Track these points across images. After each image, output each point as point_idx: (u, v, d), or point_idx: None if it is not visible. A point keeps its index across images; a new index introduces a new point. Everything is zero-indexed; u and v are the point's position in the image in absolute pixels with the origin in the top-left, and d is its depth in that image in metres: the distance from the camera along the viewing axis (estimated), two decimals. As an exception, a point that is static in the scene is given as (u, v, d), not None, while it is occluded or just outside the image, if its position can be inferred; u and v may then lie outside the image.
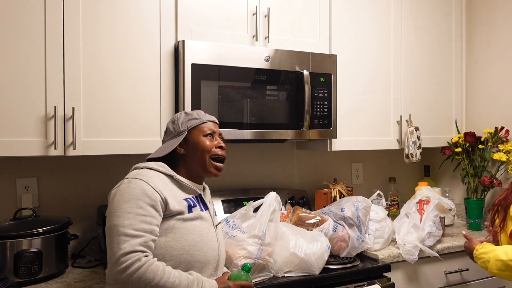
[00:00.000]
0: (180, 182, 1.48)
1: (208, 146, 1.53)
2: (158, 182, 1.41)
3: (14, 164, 1.98)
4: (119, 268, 1.27)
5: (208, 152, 1.53)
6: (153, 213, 1.35)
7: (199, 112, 1.60)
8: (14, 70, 1.66)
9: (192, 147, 1.53)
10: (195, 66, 1.88)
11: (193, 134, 1.54)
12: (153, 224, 1.35)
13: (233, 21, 2.07)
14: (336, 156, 2.74)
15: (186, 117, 1.57)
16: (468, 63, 2.78)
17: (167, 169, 1.48)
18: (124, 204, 1.33)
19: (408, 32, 2.56)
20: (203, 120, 1.56)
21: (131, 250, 1.28)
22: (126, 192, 1.36)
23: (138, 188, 1.36)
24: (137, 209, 1.33)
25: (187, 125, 1.55)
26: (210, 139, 1.55)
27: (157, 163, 1.49)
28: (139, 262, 1.27)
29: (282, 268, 1.75)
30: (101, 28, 1.80)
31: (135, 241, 1.29)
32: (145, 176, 1.40)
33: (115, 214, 1.33)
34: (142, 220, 1.32)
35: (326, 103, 2.18)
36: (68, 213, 2.02)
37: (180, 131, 1.54)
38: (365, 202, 2.07)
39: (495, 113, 2.65)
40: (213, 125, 1.58)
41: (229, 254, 1.63)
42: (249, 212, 1.78)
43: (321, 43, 2.28)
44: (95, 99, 1.79)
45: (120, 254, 1.27)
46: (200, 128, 1.55)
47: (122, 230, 1.30)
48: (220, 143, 1.57)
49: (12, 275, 1.64)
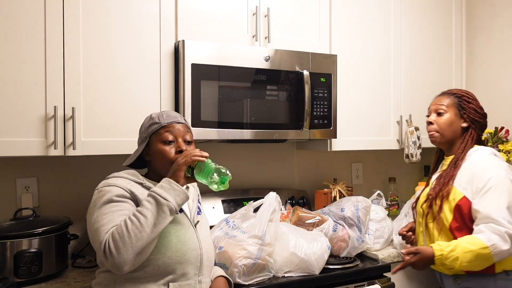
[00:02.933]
0: (150, 188, 1.47)
1: (167, 155, 1.47)
2: (127, 184, 1.42)
3: (14, 164, 1.98)
4: (104, 258, 1.29)
5: (168, 161, 1.46)
6: (128, 207, 1.37)
7: (164, 114, 1.52)
8: (14, 70, 1.66)
9: (154, 155, 1.50)
10: (195, 66, 1.88)
11: (153, 140, 1.50)
12: (131, 210, 1.35)
13: (233, 21, 2.07)
14: (336, 156, 2.74)
15: (149, 121, 1.52)
16: (468, 63, 2.78)
17: (137, 177, 1.48)
18: (99, 209, 1.36)
19: (408, 32, 2.56)
20: (162, 124, 1.49)
21: (104, 233, 1.30)
22: (98, 200, 1.38)
23: (107, 192, 1.38)
24: (112, 207, 1.35)
25: (148, 131, 1.50)
26: (170, 146, 1.48)
27: (128, 171, 1.50)
28: (108, 235, 1.29)
29: (282, 268, 1.75)
30: (101, 28, 1.80)
31: (109, 225, 1.31)
32: (112, 181, 1.42)
33: (94, 221, 1.35)
34: (120, 214, 1.34)
35: (326, 103, 2.18)
36: (68, 213, 2.02)
37: (144, 137, 1.52)
38: (365, 202, 2.07)
39: (495, 113, 2.64)
40: (175, 126, 1.50)
41: (229, 254, 1.63)
42: (249, 212, 1.78)
43: (321, 43, 2.28)
44: (95, 99, 1.79)
45: (98, 245, 1.30)
46: (159, 134, 1.48)
47: (103, 228, 1.32)
48: (181, 147, 1.48)
49: (12, 275, 1.64)
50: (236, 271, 1.62)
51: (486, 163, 1.73)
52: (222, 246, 1.67)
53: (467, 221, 1.70)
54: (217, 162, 2.53)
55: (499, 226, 1.59)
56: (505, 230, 1.58)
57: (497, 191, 1.64)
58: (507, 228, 1.59)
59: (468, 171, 1.73)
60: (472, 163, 1.74)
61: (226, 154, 2.42)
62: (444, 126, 1.86)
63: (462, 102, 1.85)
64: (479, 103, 1.88)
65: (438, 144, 1.91)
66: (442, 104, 1.87)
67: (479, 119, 1.85)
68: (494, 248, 1.58)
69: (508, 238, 1.58)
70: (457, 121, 1.85)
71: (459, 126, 1.85)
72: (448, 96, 1.89)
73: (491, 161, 1.74)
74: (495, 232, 1.59)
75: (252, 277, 1.66)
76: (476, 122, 1.84)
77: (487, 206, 1.63)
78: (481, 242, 1.59)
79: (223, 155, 2.41)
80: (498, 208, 1.61)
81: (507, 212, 1.61)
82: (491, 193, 1.64)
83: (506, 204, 1.63)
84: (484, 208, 1.63)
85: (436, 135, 1.87)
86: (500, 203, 1.62)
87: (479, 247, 1.59)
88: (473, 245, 1.60)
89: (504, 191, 1.64)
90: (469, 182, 1.71)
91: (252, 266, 1.64)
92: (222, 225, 1.79)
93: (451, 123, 1.85)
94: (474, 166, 1.73)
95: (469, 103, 1.85)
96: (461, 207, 1.70)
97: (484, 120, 1.87)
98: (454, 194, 1.73)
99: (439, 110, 1.88)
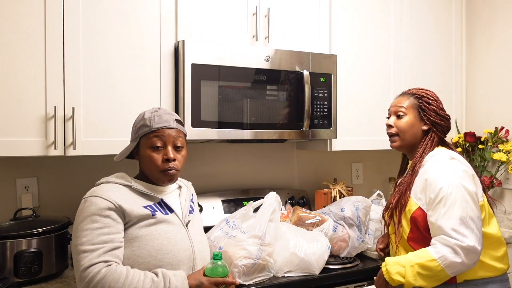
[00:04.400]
0: (139, 191, 1.47)
1: (154, 162, 1.46)
2: (113, 193, 1.41)
3: (14, 164, 1.98)
4: (83, 284, 1.29)
5: (155, 167, 1.47)
6: (109, 223, 1.36)
7: (156, 116, 1.48)
8: (14, 70, 1.66)
9: (142, 157, 1.50)
10: (195, 66, 1.88)
11: (142, 143, 1.48)
12: (113, 233, 1.35)
13: (233, 21, 2.07)
14: (336, 156, 2.75)
15: (141, 122, 1.49)
16: (468, 63, 2.79)
17: (125, 179, 1.48)
18: (81, 223, 1.36)
19: (408, 31, 2.56)
20: (152, 128, 1.46)
21: (90, 264, 1.30)
22: (81, 212, 1.38)
23: (92, 205, 1.37)
24: (92, 224, 1.34)
25: (138, 133, 1.49)
26: (159, 152, 1.46)
27: (117, 174, 1.51)
28: (99, 275, 1.29)
29: (282, 268, 1.75)
30: (101, 28, 1.80)
31: (94, 254, 1.31)
32: (99, 191, 1.41)
33: (74, 235, 1.36)
34: (99, 233, 1.34)
35: (326, 103, 2.18)
36: (68, 213, 2.01)
37: (134, 138, 1.51)
38: (365, 202, 2.07)
39: (495, 113, 2.65)
40: (166, 132, 1.47)
41: (229, 254, 1.63)
42: (249, 212, 1.78)
43: (321, 43, 2.28)
44: (95, 99, 1.79)
45: (81, 271, 1.30)
46: (148, 138, 1.47)
47: (81, 248, 1.32)
48: (168, 155, 1.46)
49: (12, 275, 1.64)
50: (236, 271, 1.62)
51: (439, 170, 1.60)
52: (222, 246, 1.67)
53: (424, 232, 1.60)
54: (217, 162, 2.54)
55: (450, 238, 1.49)
56: (455, 242, 1.48)
57: (448, 202, 1.53)
58: (458, 240, 1.48)
59: (422, 179, 1.62)
60: (426, 171, 1.62)
61: (226, 154, 2.42)
62: (403, 130, 1.73)
63: (422, 104, 1.72)
64: (440, 104, 1.75)
65: (398, 148, 1.77)
66: (401, 106, 1.74)
67: (440, 121, 1.71)
68: (443, 261, 1.48)
69: (459, 250, 1.47)
70: (418, 123, 1.73)
71: (420, 129, 1.73)
72: (407, 97, 1.76)
73: (445, 167, 1.61)
74: (446, 244, 1.49)
75: (252, 277, 1.66)
76: (437, 124, 1.71)
77: (438, 218, 1.54)
78: (428, 255, 1.50)
79: (223, 155, 2.41)
80: (449, 220, 1.51)
81: (460, 223, 1.50)
82: (442, 205, 1.53)
83: (458, 214, 1.51)
84: (436, 220, 1.54)
85: (396, 139, 1.76)
86: (453, 214, 1.51)
87: (425, 259, 1.50)
88: (420, 257, 1.51)
89: (457, 200, 1.53)
90: (422, 192, 1.61)
91: (252, 266, 1.64)
92: (222, 225, 1.79)
93: (411, 126, 1.72)
94: (426, 174, 1.61)
95: (430, 105, 1.72)
96: (416, 219, 1.61)
97: (446, 122, 1.74)
98: (410, 205, 1.64)
99: (398, 112, 1.75)
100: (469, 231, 1.50)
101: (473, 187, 1.58)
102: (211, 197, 2.26)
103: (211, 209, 2.22)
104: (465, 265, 1.49)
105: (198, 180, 2.17)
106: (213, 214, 2.19)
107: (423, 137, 1.73)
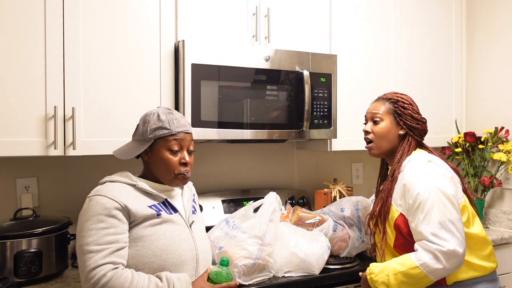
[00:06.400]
0: (144, 190, 1.47)
1: (172, 164, 1.47)
2: (118, 192, 1.40)
3: (14, 164, 1.98)
4: (88, 285, 1.29)
5: (172, 170, 1.48)
6: (115, 223, 1.36)
7: (174, 119, 1.49)
8: (14, 70, 1.66)
9: (156, 158, 1.49)
10: (195, 66, 1.88)
11: (159, 145, 1.48)
12: (118, 234, 1.35)
13: (233, 21, 2.07)
14: (336, 156, 2.74)
15: (157, 123, 1.47)
16: (468, 63, 2.79)
17: (130, 178, 1.48)
18: (86, 222, 1.35)
19: (408, 32, 2.56)
20: (172, 131, 1.47)
21: (96, 265, 1.30)
22: (87, 210, 1.37)
23: (97, 204, 1.37)
24: (98, 224, 1.34)
25: (154, 134, 1.47)
26: (176, 155, 1.48)
27: (121, 173, 1.50)
28: (105, 278, 1.29)
29: (282, 268, 1.75)
30: (101, 28, 1.80)
31: (100, 255, 1.31)
32: (104, 190, 1.40)
33: (79, 234, 1.36)
34: (105, 233, 1.33)
35: (326, 103, 2.18)
36: (68, 213, 2.02)
37: (147, 138, 1.48)
38: (365, 202, 2.07)
39: (495, 113, 2.65)
40: (184, 136, 1.49)
41: (229, 254, 1.63)
42: (249, 212, 1.78)
43: (321, 43, 2.28)
44: (95, 99, 1.79)
45: (87, 271, 1.30)
46: (167, 141, 1.47)
47: (86, 248, 1.32)
48: (184, 159, 1.48)
49: (12, 275, 1.64)
50: (236, 271, 1.62)
51: (416, 175, 1.59)
52: (222, 246, 1.67)
53: (409, 238, 1.60)
54: (217, 162, 2.54)
55: (430, 243, 1.49)
56: (435, 247, 1.47)
57: (426, 207, 1.52)
58: (438, 245, 1.47)
59: (400, 184, 1.62)
60: (404, 176, 1.62)
61: (226, 154, 2.42)
62: (380, 135, 1.73)
63: (398, 108, 1.71)
64: (415, 108, 1.74)
65: (376, 155, 1.77)
66: (377, 112, 1.74)
67: (416, 125, 1.71)
68: (425, 267, 1.48)
69: (440, 255, 1.47)
70: (394, 129, 1.72)
71: (396, 134, 1.72)
72: (383, 102, 1.76)
73: (421, 172, 1.60)
74: (427, 250, 1.49)
75: (252, 277, 1.66)
76: (413, 128, 1.71)
77: (418, 224, 1.53)
78: (410, 262, 1.50)
79: (223, 155, 2.41)
80: (429, 225, 1.50)
81: (439, 227, 1.49)
82: (421, 210, 1.53)
83: (437, 218, 1.50)
84: (416, 226, 1.54)
85: (372, 145, 1.76)
86: (431, 219, 1.50)
87: (408, 267, 1.50)
88: (403, 265, 1.51)
89: (434, 205, 1.52)
90: (402, 198, 1.61)
91: (252, 266, 1.64)
92: (222, 225, 1.79)
93: (388, 131, 1.72)
94: (404, 179, 1.61)
95: (405, 109, 1.71)
96: (399, 226, 1.61)
97: (422, 125, 1.73)
98: (392, 212, 1.64)
99: (375, 118, 1.75)
100: (450, 234, 1.49)
101: (451, 189, 1.57)
102: (211, 197, 2.26)
103: (211, 209, 2.22)
104: (447, 269, 1.49)
105: (198, 180, 2.16)
106: (213, 214, 2.19)
107: (400, 141, 1.73)
